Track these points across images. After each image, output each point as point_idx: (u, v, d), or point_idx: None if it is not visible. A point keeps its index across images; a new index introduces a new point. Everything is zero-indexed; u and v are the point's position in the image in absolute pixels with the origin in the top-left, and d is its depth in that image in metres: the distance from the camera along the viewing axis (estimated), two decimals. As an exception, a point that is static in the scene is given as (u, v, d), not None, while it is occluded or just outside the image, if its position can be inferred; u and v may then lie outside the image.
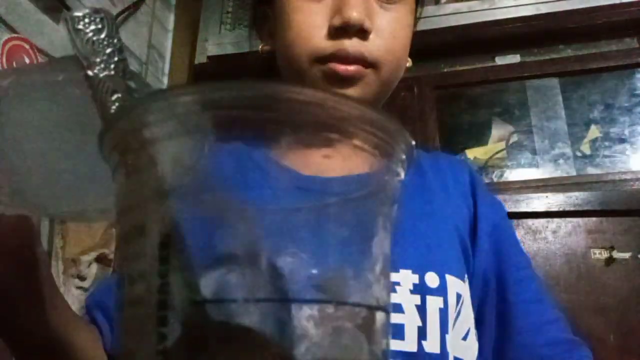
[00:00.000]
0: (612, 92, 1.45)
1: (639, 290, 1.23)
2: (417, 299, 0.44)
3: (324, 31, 0.47)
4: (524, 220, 1.33)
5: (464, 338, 0.48)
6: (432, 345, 0.44)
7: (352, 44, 0.47)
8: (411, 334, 0.43)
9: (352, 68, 0.47)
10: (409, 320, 0.43)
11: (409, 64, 0.58)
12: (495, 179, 1.46)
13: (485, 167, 1.48)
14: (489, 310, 0.51)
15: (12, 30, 0.91)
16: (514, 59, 1.52)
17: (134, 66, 1.34)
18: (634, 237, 1.26)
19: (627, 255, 1.24)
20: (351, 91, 0.48)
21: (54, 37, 1.02)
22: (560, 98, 1.48)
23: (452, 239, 0.51)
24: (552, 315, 0.53)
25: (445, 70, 1.57)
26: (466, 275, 0.50)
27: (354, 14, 0.46)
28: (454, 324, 0.46)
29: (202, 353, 0.18)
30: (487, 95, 1.54)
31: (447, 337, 0.44)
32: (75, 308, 0.92)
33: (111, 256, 1.04)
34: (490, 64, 1.54)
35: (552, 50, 1.51)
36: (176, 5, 1.67)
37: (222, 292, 0.19)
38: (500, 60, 1.53)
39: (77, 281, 0.94)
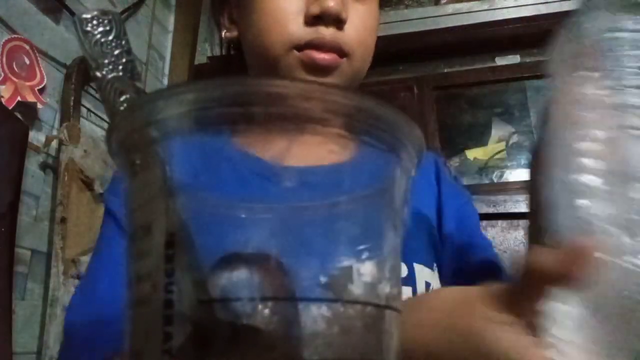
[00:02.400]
0: (612, 93, 1.45)
1: (639, 291, 1.23)
2: None
3: (300, 18, 0.47)
4: (524, 221, 1.33)
5: None
6: None
7: (328, 33, 0.47)
8: None
9: (328, 57, 0.48)
10: None
11: None
12: (495, 179, 1.46)
13: (485, 167, 1.48)
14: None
15: (12, 30, 0.91)
16: (514, 59, 1.52)
17: (133, 66, 1.35)
18: (634, 237, 1.26)
19: (627, 255, 1.24)
20: (328, 79, 0.49)
21: (54, 37, 1.02)
22: (560, 98, 1.48)
23: (419, 228, 0.51)
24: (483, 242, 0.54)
25: (445, 70, 1.57)
26: (435, 264, 0.50)
27: (332, 3, 0.46)
28: None
29: (209, 352, 0.18)
30: (487, 96, 1.54)
31: None
32: (75, 308, 0.92)
33: (111, 257, 1.04)
34: (490, 64, 1.54)
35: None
36: (176, 6, 1.67)
37: (228, 291, 0.18)
38: (500, 61, 1.53)
39: (77, 281, 0.94)
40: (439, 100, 1.55)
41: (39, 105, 0.93)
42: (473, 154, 1.49)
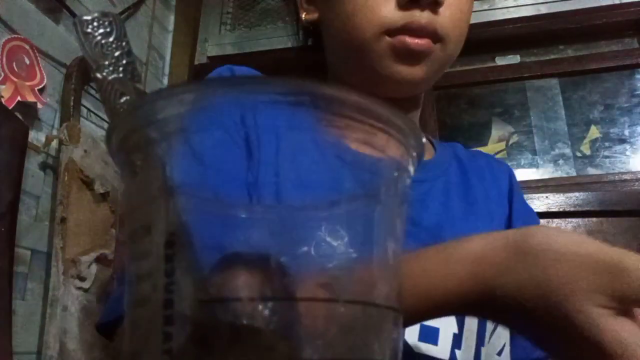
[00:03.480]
0: (612, 92, 1.45)
1: (639, 290, 1.23)
2: None
3: (393, 1, 0.44)
4: (524, 221, 1.33)
5: (499, 353, 0.44)
6: (465, 356, 0.40)
7: (424, 16, 0.44)
8: (445, 340, 0.40)
9: (423, 42, 0.44)
10: (445, 325, 0.40)
11: None
12: (495, 179, 1.46)
13: (485, 167, 1.48)
14: None
15: (12, 30, 0.91)
16: (514, 59, 1.52)
17: (133, 66, 1.35)
18: (634, 237, 1.26)
19: (627, 255, 1.24)
20: (417, 70, 0.46)
21: (54, 37, 1.02)
22: (560, 98, 1.48)
23: (491, 225, 0.49)
24: None
25: (445, 70, 1.57)
26: None
27: None
28: (490, 337, 0.43)
29: (209, 353, 0.18)
30: (487, 95, 1.54)
31: (483, 349, 0.41)
32: (75, 308, 0.92)
33: (111, 257, 1.04)
34: (490, 64, 1.54)
35: (552, 50, 1.51)
36: (176, 6, 1.67)
37: (228, 291, 0.18)
38: (500, 61, 1.53)
39: (77, 282, 0.94)
40: (439, 100, 1.55)
41: (39, 105, 0.93)
42: (473, 154, 1.49)
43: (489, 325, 0.43)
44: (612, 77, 1.46)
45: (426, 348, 0.39)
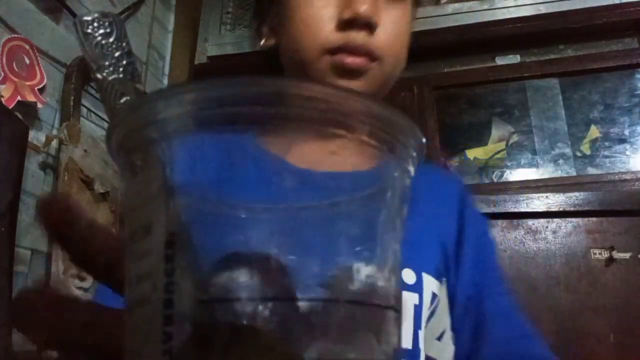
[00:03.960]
0: (612, 92, 1.45)
1: (639, 290, 1.23)
2: None
3: (332, 24, 0.48)
4: (524, 221, 1.33)
5: (439, 338, 0.48)
6: (404, 341, 0.44)
7: (360, 37, 0.48)
8: None
9: (359, 60, 0.49)
10: None
11: None
12: (495, 179, 1.46)
13: (485, 167, 1.48)
14: (467, 319, 0.51)
15: (12, 30, 0.91)
16: (514, 59, 1.52)
17: (133, 66, 1.35)
18: (634, 237, 1.26)
19: (627, 255, 1.24)
20: (357, 84, 0.50)
21: (54, 37, 1.02)
22: (560, 98, 1.48)
23: (432, 241, 0.52)
24: (529, 330, 0.53)
25: (445, 70, 1.57)
26: (444, 279, 0.51)
27: (364, 7, 0.47)
28: (427, 322, 0.47)
29: (209, 353, 0.18)
30: (487, 95, 1.54)
31: (420, 332, 0.45)
32: (75, 308, 0.92)
33: (111, 256, 1.04)
34: (490, 64, 1.54)
35: (552, 50, 1.51)
36: (176, 6, 1.67)
37: (229, 291, 0.18)
38: (500, 60, 1.53)
39: (77, 281, 0.94)
40: (439, 100, 1.55)
41: (39, 105, 0.93)
42: (473, 153, 1.49)
43: (425, 310, 0.46)
44: (612, 77, 1.46)
45: None
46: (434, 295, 0.49)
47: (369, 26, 0.48)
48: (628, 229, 1.27)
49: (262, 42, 0.59)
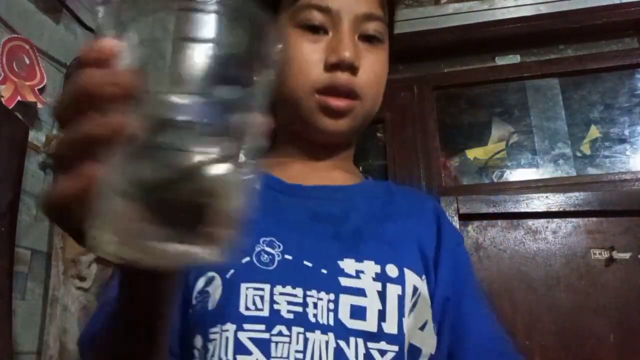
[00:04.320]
0: (612, 92, 1.45)
1: (639, 290, 1.23)
2: (378, 285, 0.52)
3: (321, 66, 0.57)
4: (524, 220, 1.33)
5: (421, 328, 0.53)
6: (390, 327, 0.50)
7: (344, 77, 0.56)
8: (372, 315, 0.50)
9: (343, 103, 0.57)
10: (371, 303, 0.51)
11: None
12: (495, 179, 1.46)
13: (485, 167, 1.48)
14: (446, 319, 0.57)
15: (12, 30, 0.91)
16: (514, 59, 1.52)
17: (133, 66, 1.35)
18: (634, 237, 1.26)
19: (627, 255, 1.24)
20: (341, 122, 0.58)
21: (54, 37, 1.02)
22: (560, 98, 1.48)
23: (412, 244, 0.58)
24: (503, 333, 0.58)
25: (445, 70, 1.57)
26: (424, 276, 0.56)
27: (347, 53, 0.56)
28: (410, 311, 0.52)
29: None
30: (487, 95, 1.54)
31: (404, 320, 0.51)
32: (75, 308, 0.92)
33: (111, 256, 1.04)
34: (490, 64, 1.54)
35: (552, 50, 1.51)
36: (176, 6, 1.67)
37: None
38: (500, 60, 1.53)
39: (77, 281, 0.94)
40: (439, 100, 1.55)
41: (39, 105, 0.93)
42: (473, 153, 1.49)
43: (407, 301, 0.52)
44: (612, 77, 1.46)
45: (358, 324, 0.50)
46: (415, 288, 0.54)
47: (351, 68, 0.56)
48: (628, 229, 1.28)
49: None
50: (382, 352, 0.49)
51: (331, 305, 0.50)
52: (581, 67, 1.46)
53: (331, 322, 0.49)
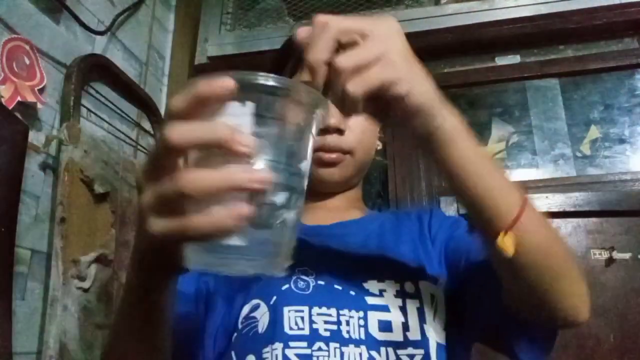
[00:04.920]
0: (612, 93, 1.45)
1: (639, 290, 1.23)
2: (399, 301, 0.59)
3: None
4: (524, 221, 1.33)
5: (445, 329, 0.61)
6: (414, 335, 0.58)
7: (332, 139, 0.68)
8: (397, 327, 0.58)
9: (333, 155, 0.68)
10: (395, 317, 0.58)
11: (379, 147, 0.79)
12: (495, 179, 1.46)
13: (485, 167, 1.48)
14: (449, 252, 0.66)
15: (12, 30, 0.91)
16: (514, 59, 1.52)
17: (134, 67, 1.34)
18: (634, 237, 1.26)
19: (627, 255, 1.24)
20: (333, 171, 0.69)
21: (54, 37, 1.02)
22: (560, 98, 1.48)
23: (418, 255, 0.66)
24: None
25: (445, 70, 1.57)
26: (439, 280, 0.63)
27: (332, 121, 0.67)
28: (433, 319, 0.60)
29: None
30: (487, 95, 1.54)
31: (425, 326, 0.58)
32: (75, 308, 0.92)
33: (111, 257, 1.04)
34: (490, 64, 1.54)
35: (552, 50, 1.51)
36: (176, 6, 1.67)
37: None
38: (500, 61, 1.53)
39: (77, 282, 0.94)
40: (439, 100, 1.55)
41: (39, 105, 0.93)
42: (473, 154, 1.49)
43: (427, 310, 0.60)
44: (612, 77, 1.46)
45: (387, 335, 0.57)
46: (433, 296, 0.61)
47: (338, 131, 0.68)
48: (628, 229, 1.27)
49: None
50: (411, 357, 0.56)
51: (361, 322, 0.57)
52: (581, 67, 1.46)
53: (362, 337, 0.56)
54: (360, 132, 0.70)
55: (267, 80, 0.32)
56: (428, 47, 1.52)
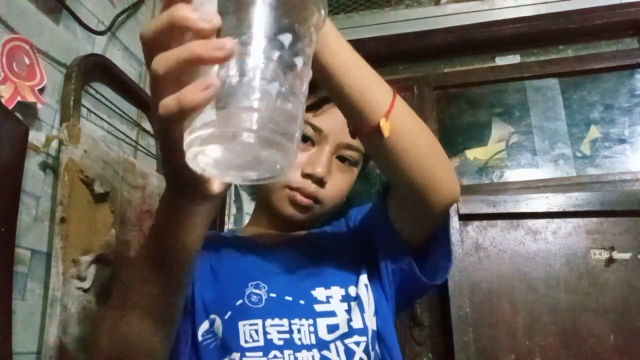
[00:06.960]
0: (612, 93, 1.45)
1: (639, 290, 1.23)
2: (345, 305, 0.66)
3: (299, 171, 0.72)
4: (524, 221, 1.33)
5: (374, 315, 0.68)
6: (357, 324, 0.64)
7: (312, 187, 0.72)
8: (343, 324, 0.64)
9: (307, 201, 0.73)
10: (341, 319, 0.65)
11: None
12: (495, 179, 1.46)
13: (485, 167, 1.48)
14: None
15: (12, 30, 0.91)
16: (514, 59, 1.52)
17: (134, 67, 1.34)
18: (634, 237, 1.26)
19: (627, 255, 1.24)
20: (302, 215, 0.74)
21: (54, 37, 1.02)
22: (560, 98, 1.48)
23: (355, 258, 0.73)
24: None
25: (445, 70, 1.57)
26: (366, 274, 0.70)
27: (319, 170, 0.71)
28: (368, 305, 0.67)
29: None
30: (487, 95, 1.54)
31: (364, 314, 0.65)
32: (75, 308, 0.92)
33: (111, 257, 1.04)
34: (490, 64, 1.54)
35: (552, 50, 1.51)
36: (176, 6, 1.66)
37: None
38: (500, 60, 1.53)
39: (77, 282, 0.94)
40: (439, 100, 1.55)
41: (39, 105, 0.93)
42: (473, 154, 1.49)
43: (365, 302, 0.66)
44: (612, 77, 1.46)
45: (334, 335, 0.63)
46: (366, 286, 0.69)
47: (320, 182, 0.72)
48: (628, 229, 1.27)
49: None
50: (357, 344, 0.63)
51: (311, 329, 0.62)
52: (581, 67, 1.46)
53: (313, 341, 0.61)
54: (337, 190, 0.75)
55: None
56: (428, 47, 1.52)
